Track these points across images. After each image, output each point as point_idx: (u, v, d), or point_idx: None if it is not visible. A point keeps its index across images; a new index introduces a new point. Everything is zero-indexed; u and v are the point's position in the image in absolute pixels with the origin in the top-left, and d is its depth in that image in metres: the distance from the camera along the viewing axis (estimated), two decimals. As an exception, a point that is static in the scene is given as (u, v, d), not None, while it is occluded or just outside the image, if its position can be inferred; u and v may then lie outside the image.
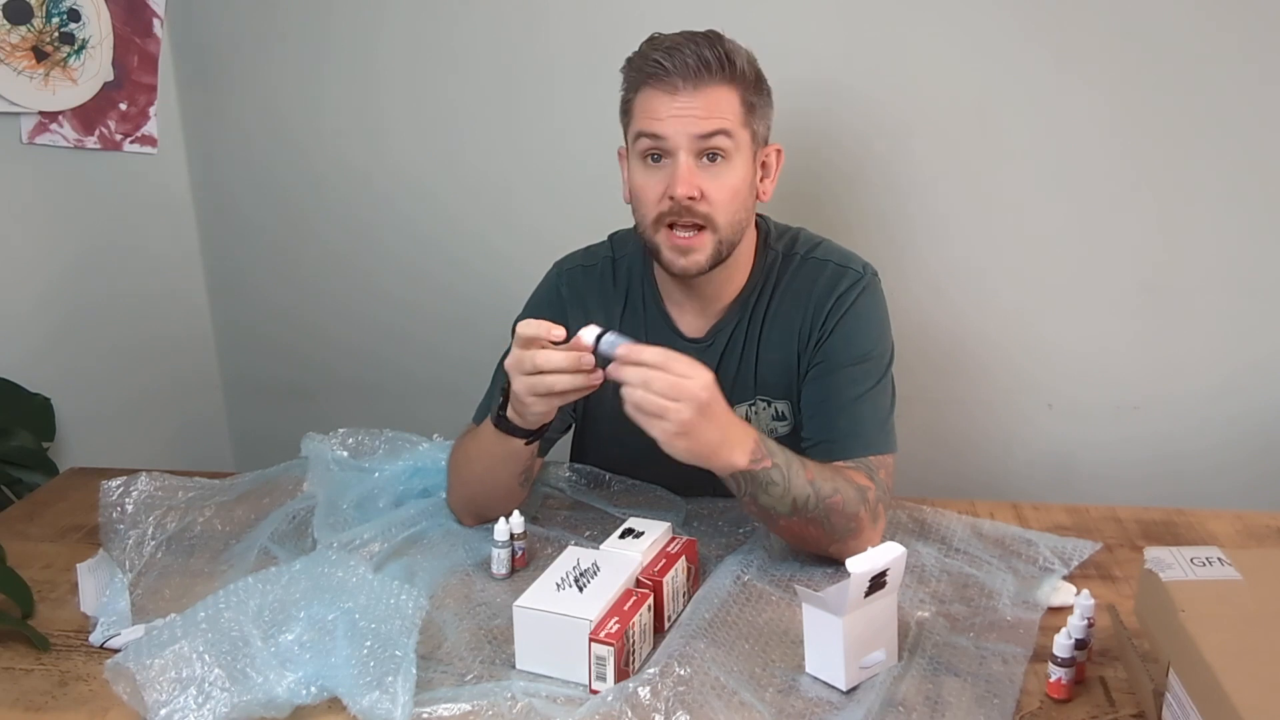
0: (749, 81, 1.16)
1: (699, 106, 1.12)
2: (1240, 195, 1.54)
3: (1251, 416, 1.62)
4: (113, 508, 1.28)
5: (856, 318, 1.21)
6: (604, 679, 0.95)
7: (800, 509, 1.08)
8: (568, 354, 1.03)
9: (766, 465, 1.06)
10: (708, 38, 1.15)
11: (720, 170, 1.14)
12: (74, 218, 1.74)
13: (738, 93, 1.14)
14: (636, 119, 1.16)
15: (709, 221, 1.15)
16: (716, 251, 1.17)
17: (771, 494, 1.07)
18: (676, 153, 1.13)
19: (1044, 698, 0.94)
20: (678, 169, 1.13)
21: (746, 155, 1.17)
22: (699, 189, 1.13)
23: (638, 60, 1.16)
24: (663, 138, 1.13)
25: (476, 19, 1.69)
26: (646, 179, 1.16)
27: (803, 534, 1.12)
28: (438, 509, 1.29)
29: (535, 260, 1.37)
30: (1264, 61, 1.48)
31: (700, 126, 1.12)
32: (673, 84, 1.12)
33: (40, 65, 1.64)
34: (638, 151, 1.17)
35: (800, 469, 1.08)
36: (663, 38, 1.16)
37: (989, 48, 1.54)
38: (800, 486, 1.07)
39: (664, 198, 1.14)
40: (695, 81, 1.12)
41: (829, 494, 1.09)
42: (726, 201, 1.15)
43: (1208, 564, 0.90)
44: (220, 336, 1.99)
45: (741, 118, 1.15)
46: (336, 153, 1.82)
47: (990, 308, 1.66)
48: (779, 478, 1.06)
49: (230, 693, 0.91)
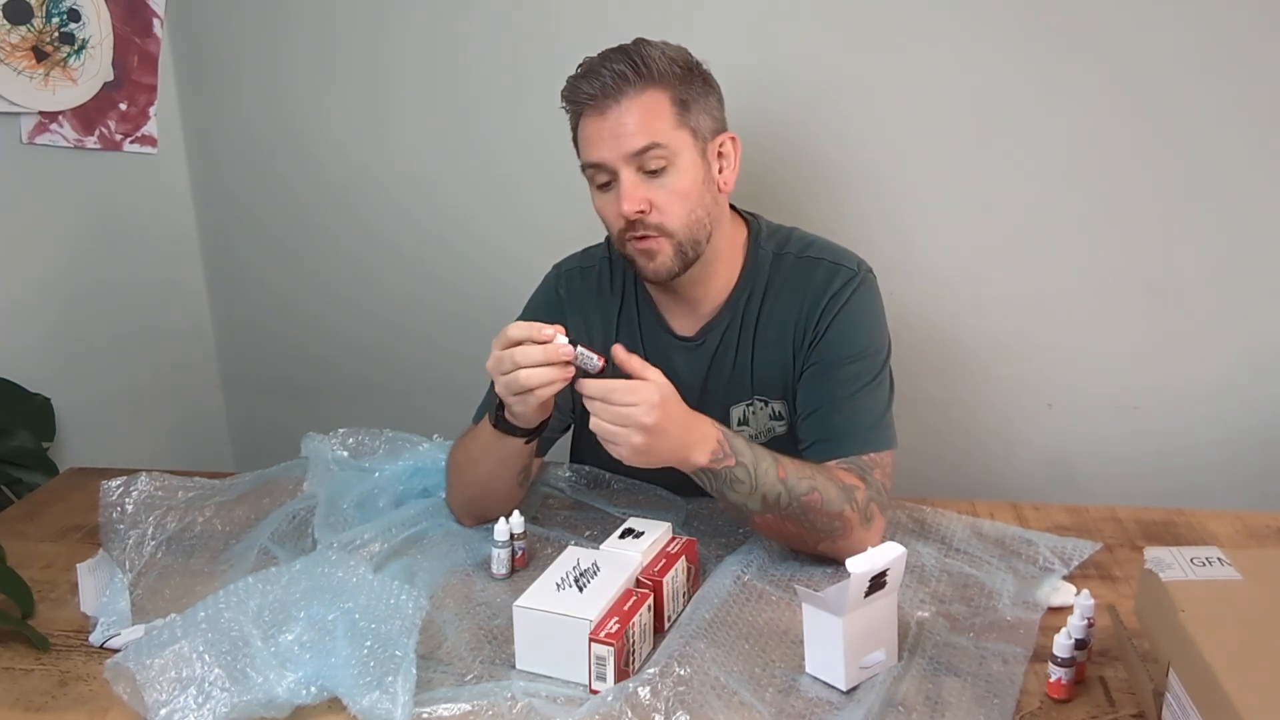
0: (675, 80, 1.15)
1: (627, 122, 1.13)
2: (1239, 195, 1.54)
3: (1251, 416, 1.62)
4: (113, 508, 1.28)
5: (851, 315, 1.21)
6: (604, 679, 0.95)
7: (772, 506, 1.09)
8: (545, 349, 1.04)
9: (730, 464, 1.07)
10: (623, 50, 1.15)
11: (665, 180, 1.15)
12: (74, 218, 1.74)
13: (666, 94, 1.15)
14: (581, 150, 1.19)
15: (662, 230, 1.16)
16: (680, 253, 1.18)
17: (738, 490, 1.08)
18: (618, 172, 1.15)
19: (1044, 698, 0.94)
20: (621, 187, 1.15)
21: (691, 155, 1.16)
22: (646, 201, 1.15)
23: (567, 91, 1.18)
24: (601, 163, 1.15)
25: (479, 16, 1.69)
26: (603, 203, 1.19)
27: (781, 530, 1.13)
28: (438, 509, 1.29)
29: (537, 259, 1.37)
30: (1258, 62, 1.48)
31: (631, 144, 1.13)
32: (599, 107, 1.14)
33: (40, 65, 1.64)
34: (590, 180, 1.19)
35: (772, 466, 1.08)
36: (586, 62, 1.17)
37: (989, 47, 1.54)
38: (770, 484, 1.08)
39: (618, 216, 1.16)
40: (617, 97, 1.13)
41: (804, 492, 1.09)
42: (677, 206, 1.16)
43: (1208, 564, 0.90)
44: (220, 336, 1.99)
45: (675, 120, 1.15)
46: (336, 152, 1.82)
47: (990, 307, 1.66)
48: (744, 475, 1.07)
49: (230, 693, 0.91)
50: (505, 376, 1.06)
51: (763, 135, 1.54)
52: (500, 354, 1.06)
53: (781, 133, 1.60)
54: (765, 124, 1.57)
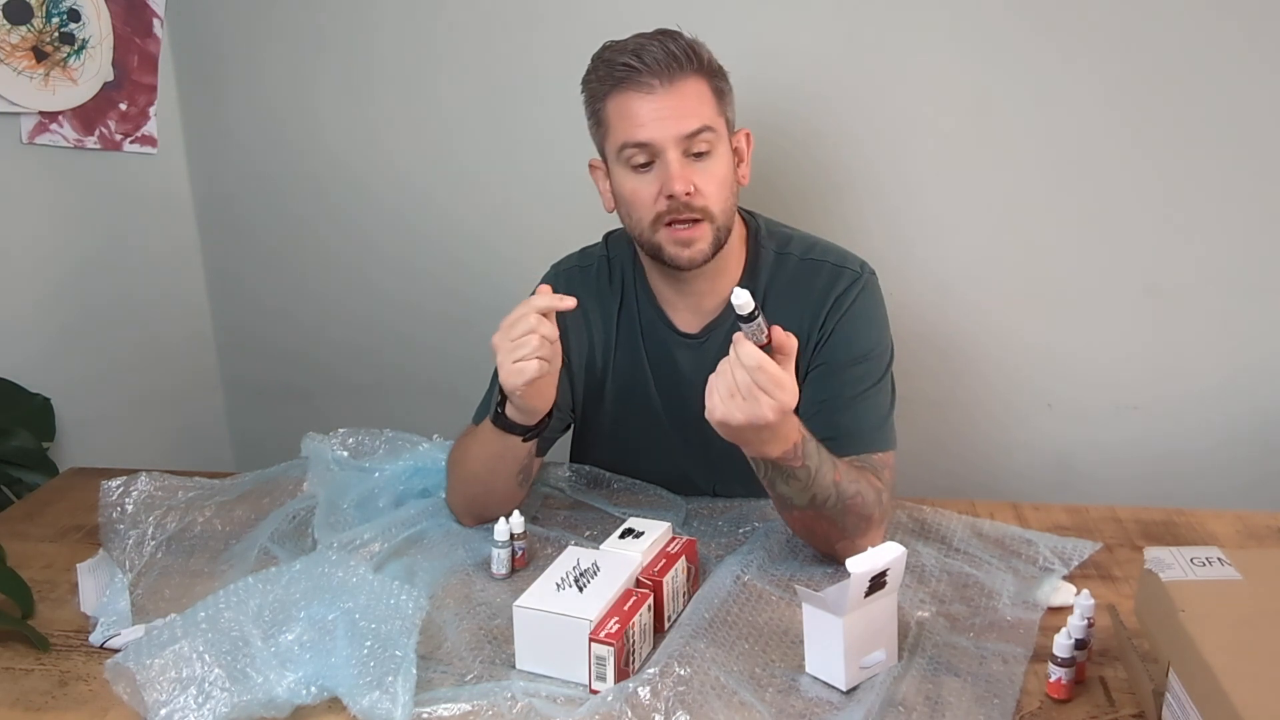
0: (715, 71, 1.17)
1: (677, 104, 1.13)
2: (1240, 195, 1.54)
3: (1251, 416, 1.62)
4: (113, 508, 1.28)
5: (856, 317, 1.22)
6: (604, 679, 0.95)
7: (818, 505, 1.08)
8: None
9: (795, 465, 1.06)
10: (669, 33, 1.15)
11: (708, 164, 1.16)
12: (74, 218, 1.74)
13: (708, 83, 1.16)
14: (616, 129, 1.16)
15: (706, 213, 1.16)
16: (716, 239, 1.18)
17: (791, 486, 1.07)
18: (664, 153, 1.14)
19: (1044, 698, 0.94)
20: (670, 168, 1.14)
21: (725, 145, 1.18)
22: (693, 184, 1.14)
23: (603, 67, 1.16)
24: (648, 143, 1.14)
25: (475, 21, 1.69)
26: (638, 184, 1.17)
27: (812, 527, 1.12)
28: (438, 509, 1.29)
29: (534, 259, 1.37)
30: (1263, 62, 1.48)
31: (684, 126, 1.13)
32: (648, 84, 1.13)
33: (40, 65, 1.64)
34: (623, 160, 1.17)
35: (830, 471, 1.08)
36: (622, 42, 1.16)
37: (989, 48, 1.54)
38: (824, 487, 1.07)
39: (659, 198, 1.15)
40: (669, 76, 1.13)
41: (851, 494, 1.09)
42: (717, 192, 1.17)
43: (1208, 564, 0.90)
44: (220, 336, 1.99)
45: (716, 108, 1.17)
46: (337, 152, 1.82)
47: (990, 308, 1.66)
48: (803, 475, 1.06)
49: (230, 693, 0.91)
50: (522, 337, 1.06)
51: (763, 135, 1.53)
52: (516, 318, 1.06)
53: (782, 133, 1.60)
54: (765, 124, 1.57)
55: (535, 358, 1.06)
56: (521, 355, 1.06)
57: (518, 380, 1.07)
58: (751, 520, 1.25)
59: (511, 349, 1.07)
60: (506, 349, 1.07)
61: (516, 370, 1.07)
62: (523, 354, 1.06)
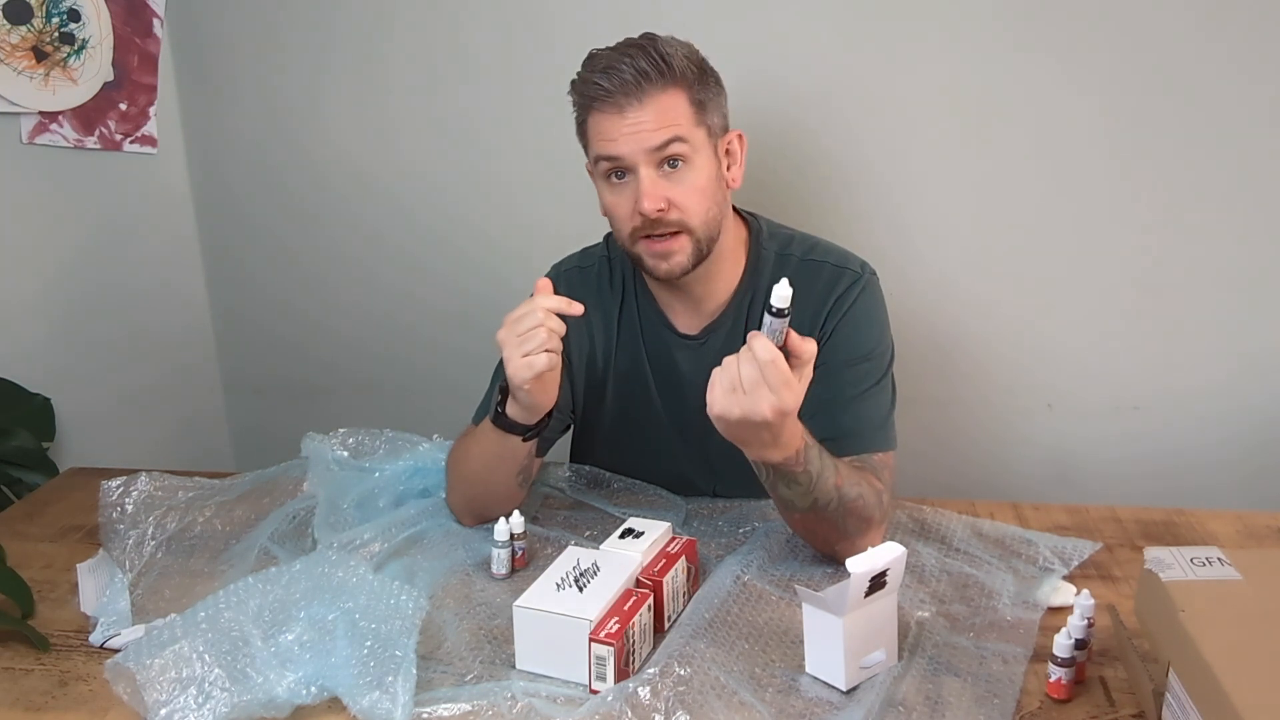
0: (692, 78, 1.16)
1: (648, 119, 1.12)
2: (1238, 194, 1.54)
3: (1251, 416, 1.62)
4: (113, 508, 1.28)
5: (858, 317, 1.22)
6: (604, 679, 0.95)
7: (819, 508, 1.08)
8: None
9: (796, 470, 1.05)
10: (641, 46, 1.15)
11: (683, 175, 1.15)
12: (74, 218, 1.74)
13: (684, 93, 1.15)
14: (593, 142, 1.17)
15: (683, 226, 1.16)
16: (696, 250, 1.18)
17: (793, 490, 1.07)
18: (636, 168, 1.14)
19: (1044, 698, 0.94)
20: (641, 184, 1.14)
21: (706, 152, 1.17)
22: (665, 199, 1.14)
23: (580, 85, 1.17)
24: (619, 158, 1.14)
25: (479, 17, 1.69)
26: (615, 197, 1.18)
27: (813, 529, 1.12)
28: (438, 509, 1.29)
29: (538, 257, 1.37)
30: (1259, 62, 1.48)
31: (653, 139, 1.13)
32: (617, 103, 1.13)
33: (40, 65, 1.64)
34: (600, 173, 1.18)
35: (832, 475, 1.07)
36: (599, 56, 1.16)
37: (989, 48, 1.54)
38: (826, 491, 1.07)
39: (634, 213, 1.16)
40: (638, 95, 1.12)
41: (852, 498, 1.09)
42: (695, 203, 1.16)
43: (1208, 564, 0.90)
44: (220, 336, 1.99)
45: (693, 117, 1.15)
46: (337, 152, 1.82)
47: (990, 307, 1.66)
48: (805, 480, 1.06)
49: (230, 693, 0.91)
50: (529, 331, 1.06)
51: (763, 135, 1.53)
52: (522, 313, 1.06)
53: (782, 133, 1.60)
54: (766, 124, 1.57)
55: (544, 351, 1.06)
56: (530, 349, 1.06)
57: (527, 374, 1.07)
58: (751, 520, 1.25)
59: (519, 343, 1.07)
60: (514, 343, 1.07)
61: (525, 364, 1.07)
62: (531, 348, 1.06)
